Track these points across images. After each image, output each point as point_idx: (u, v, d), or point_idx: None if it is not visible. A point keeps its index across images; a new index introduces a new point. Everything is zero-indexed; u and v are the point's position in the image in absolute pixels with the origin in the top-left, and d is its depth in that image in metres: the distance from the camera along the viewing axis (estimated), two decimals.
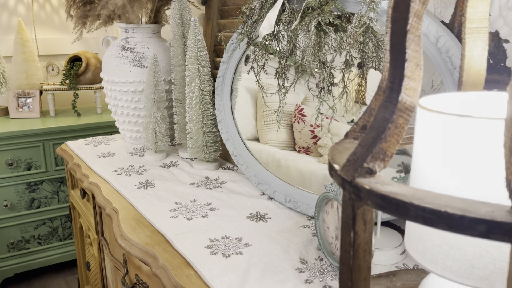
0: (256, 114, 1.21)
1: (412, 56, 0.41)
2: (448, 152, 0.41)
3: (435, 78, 0.76)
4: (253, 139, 1.20)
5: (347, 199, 0.45)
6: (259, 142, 1.16)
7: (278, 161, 1.11)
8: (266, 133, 1.16)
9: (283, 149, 1.12)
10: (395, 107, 0.43)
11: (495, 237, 0.34)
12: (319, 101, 0.90)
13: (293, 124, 1.12)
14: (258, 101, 1.20)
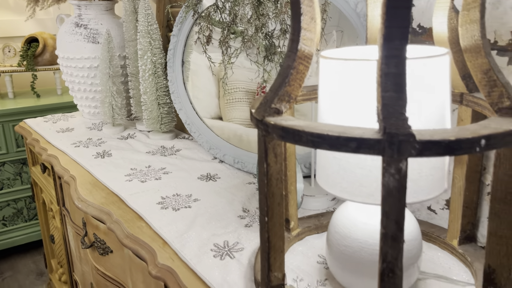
0: (218, 93, 1.27)
1: (306, 10, 0.49)
2: (337, 90, 0.50)
3: (359, 43, 0.85)
4: (216, 117, 1.26)
5: (260, 136, 0.53)
6: (223, 121, 1.22)
7: (240, 136, 1.18)
8: (230, 111, 1.23)
9: (247, 126, 1.19)
10: (295, 55, 0.50)
11: (363, 151, 0.42)
12: (262, 69, 0.98)
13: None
14: (220, 81, 1.26)
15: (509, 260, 0.51)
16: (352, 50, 0.58)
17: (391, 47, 0.42)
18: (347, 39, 0.89)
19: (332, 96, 0.51)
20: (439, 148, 0.41)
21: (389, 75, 0.42)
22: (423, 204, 0.76)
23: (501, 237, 0.51)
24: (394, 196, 0.42)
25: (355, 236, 0.56)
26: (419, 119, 0.48)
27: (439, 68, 0.48)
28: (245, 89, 1.20)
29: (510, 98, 0.46)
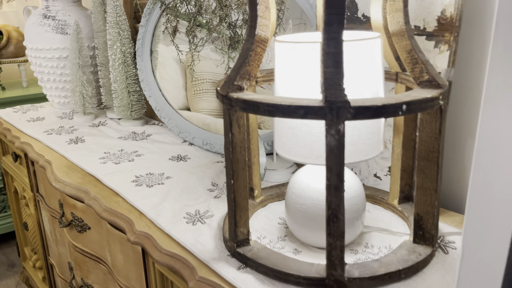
0: (186, 85, 1.33)
1: (261, 0, 0.57)
2: (289, 68, 0.59)
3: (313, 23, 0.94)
4: (184, 108, 1.32)
5: (225, 110, 0.61)
6: (190, 111, 1.29)
7: (208, 125, 1.25)
8: (197, 102, 1.29)
9: (214, 116, 1.26)
10: (253, 39, 0.59)
11: (310, 117, 0.51)
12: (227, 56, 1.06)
13: None
14: (187, 71, 1.33)
15: (433, 208, 0.62)
16: (302, 36, 0.67)
17: (330, 31, 0.51)
18: (309, 29, 0.98)
19: (286, 73, 0.60)
20: (369, 112, 0.50)
21: (329, 54, 0.51)
22: (370, 172, 0.86)
23: (426, 189, 0.62)
24: (335, 153, 0.52)
25: (308, 195, 0.65)
26: (356, 90, 0.57)
27: (372, 49, 0.58)
28: (212, 80, 1.27)
29: (429, 73, 0.57)
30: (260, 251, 0.64)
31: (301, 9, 0.96)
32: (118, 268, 0.91)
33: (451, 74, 0.70)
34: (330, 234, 0.55)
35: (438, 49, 0.70)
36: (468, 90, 0.77)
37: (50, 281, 1.42)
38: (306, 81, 0.58)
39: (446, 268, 0.63)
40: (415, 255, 0.62)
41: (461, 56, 0.75)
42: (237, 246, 0.65)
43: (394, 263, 0.61)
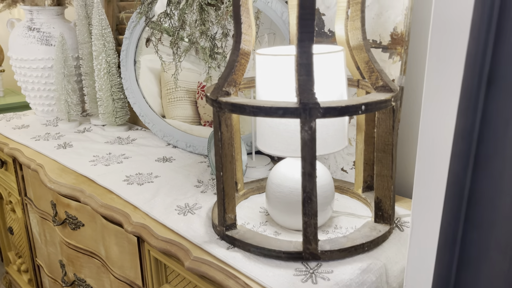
0: (160, 93, 1.42)
1: (245, 20, 0.68)
2: (268, 77, 0.70)
3: (285, 43, 1.06)
4: (159, 116, 1.41)
5: (215, 112, 0.72)
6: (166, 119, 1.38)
7: (184, 131, 1.35)
8: (172, 110, 1.38)
9: (189, 124, 1.35)
10: (238, 52, 0.70)
11: (287, 116, 0.63)
12: (207, 66, 1.16)
13: (197, 101, 1.36)
14: (162, 80, 1.42)
15: (390, 192, 0.74)
16: (279, 49, 0.79)
17: (303, 46, 0.63)
18: (278, 39, 1.10)
19: (266, 81, 0.72)
20: (335, 111, 0.62)
21: (302, 65, 0.63)
22: (338, 167, 0.99)
23: (383, 176, 0.74)
24: (308, 146, 0.63)
25: (286, 184, 0.76)
26: (324, 94, 0.69)
27: (337, 60, 0.70)
28: (186, 88, 1.37)
29: (383, 80, 0.69)
30: (246, 233, 0.75)
31: (271, 20, 1.08)
32: (112, 259, 0.99)
33: (403, 81, 0.83)
34: (305, 214, 0.66)
35: (392, 59, 0.83)
36: (417, 93, 0.90)
37: (37, 283, 1.47)
38: (282, 87, 0.70)
39: (402, 242, 0.76)
40: (376, 231, 0.74)
41: (410, 65, 0.89)
42: (226, 230, 0.76)
43: (359, 238, 0.72)
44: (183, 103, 1.37)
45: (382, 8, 0.83)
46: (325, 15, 0.95)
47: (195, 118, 1.35)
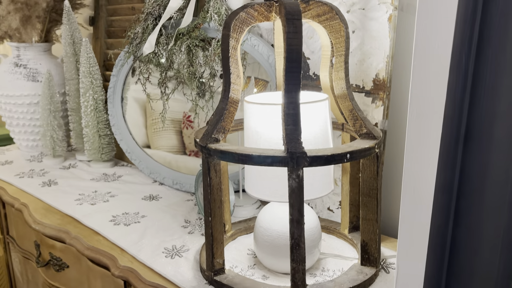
0: (146, 123, 1.43)
1: (233, 71, 0.71)
2: (256, 124, 0.72)
3: (271, 83, 1.09)
4: (144, 146, 1.42)
5: (204, 158, 0.73)
6: (151, 149, 1.38)
7: (169, 163, 1.35)
8: (157, 139, 1.39)
9: (174, 153, 1.36)
10: (227, 101, 0.72)
11: (275, 165, 0.64)
12: (194, 104, 1.18)
13: (182, 130, 1.37)
14: (147, 110, 1.43)
15: (375, 235, 0.76)
16: (267, 96, 0.81)
17: (290, 96, 0.65)
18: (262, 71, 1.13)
19: (254, 128, 0.73)
20: (321, 160, 0.64)
21: (289, 115, 0.65)
22: (324, 206, 1.00)
23: (369, 220, 0.76)
24: (296, 193, 0.65)
25: (274, 228, 0.77)
26: (311, 141, 0.71)
27: (322, 108, 0.72)
28: (171, 118, 1.38)
29: (367, 127, 0.72)
30: (235, 278, 0.75)
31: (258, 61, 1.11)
32: None
33: (385, 125, 0.86)
34: (294, 260, 0.67)
35: (375, 104, 0.87)
36: (400, 136, 0.93)
37: None
38: (270, 133, 0.72)
39: (388, 285, 0.77)
40: (362, 275, 0.75)
41: (393, 110, 0.92)
42: (214, 275, 0.76)
43: (346, 282, 0.73)
44: (168, 133, 1.38)
45: (365, 55, 0.87)
46: (310, 59, 0.98)
47: (180, 148, 1.36)
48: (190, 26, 1.12)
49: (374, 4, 0.84)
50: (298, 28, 0.64)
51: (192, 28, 1.12)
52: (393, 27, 0.82)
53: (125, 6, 1.45)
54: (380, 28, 0.84)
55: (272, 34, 1.09)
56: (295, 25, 0.64)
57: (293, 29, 0.64)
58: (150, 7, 1.18)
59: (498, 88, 0.47)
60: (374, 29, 0.85)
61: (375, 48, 0.85)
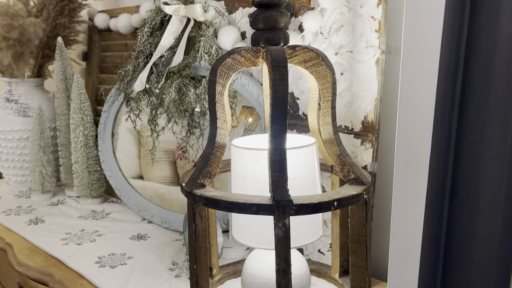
0: (139, 153, 1.42)
1: (220, 116, 0.70)
2: (243, 168, 0.71)
3: (261, 122, 1.09)
4: (137, 177, 1.40)
5: (189, 203, 0.71)
6: (144, 180, 1.37)
7: (161, 195, 1.33)
8: (150, 170, 1.38)
9: (167, 184, 1.34)
10: (214, 145, 0.71)
11: (261, 213, 0.63)
12: (184, 141, 1.18)
13: (176, 161, 1.36)
14: (141, 140, 1.42)
15: (365, 282, 0.74)
16: (255, 138, 0.81)
17: (276, 143, 0.64)
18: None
19: (240, 172, 0.73)
20: (308, 208, 0.63)
21: (275, 161, 0.64)
22: (315, 248, 0.98)
23: (358, 267, 0.74)
24: (283, 242, 0.63)
25: (261, 275, 0.75)
26: (298, 186, 0.70)
27: (310, 153, 0.71)
28: (165, 148, 1.37)
29: (355, 172, 0.71)
30: None
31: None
32: None
33: (375, 167, 0.85)
34: None
35: (364, 146, 0.86)
36: (389, 178, 0.92)
37: None
38: (257, 178, 0.71)
39: None
40: None
41: (382, 152, 0.92)
42: None
43: None
44: (161, 163, 1.36)
45: (353, 97, 0.87)
46: (299, 99, 0.98)
47: (174, 178, 1.34)
48: (181, 64, 1.12)
49: (361, 48, 0.85)
50: (284, 76, 0.64)
51: (183, 67, 1.13)
52: (380, 71, 0.82)
53: (118, 42, 1.46)
54: (368, 71, 0.84)
55: (260, 74, 1.10)
56: (281, 72, 0.64)
57: (279, 76, 0.64)
58: (141, 45, 1.19)
59: (482, 143, 0.47)
60: (362, 71, 0.85)
61: (363, 90, 0.85)
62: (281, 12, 0.70)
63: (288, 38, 0.72)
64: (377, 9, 0.81)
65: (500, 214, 0.48)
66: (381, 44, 0.81)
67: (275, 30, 0.70)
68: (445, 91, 0.48)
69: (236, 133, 1.09)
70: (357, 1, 0.84)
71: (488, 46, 0.45)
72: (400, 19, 0.86)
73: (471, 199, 0.49)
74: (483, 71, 0.46)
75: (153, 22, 1.19)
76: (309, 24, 0.89)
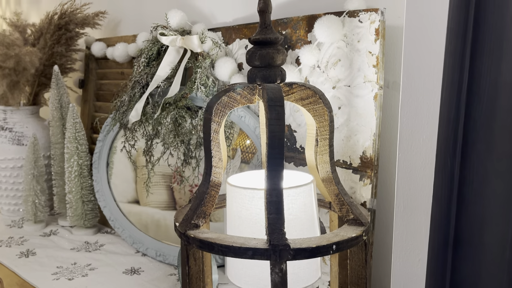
0: (136, 178, 1.40)
1: (215, 154, 0.68)
2: (238, 208, 0.69)
3: (259, 154, 1.07)
4: (133, 201, 1.38)
5: (183, 245, 0.69)
6: (140, 205, 1.34)
7: (157, 221, 1.31)
8: (147, 195, 1.35)
9: (163, 209, 1.31)
10: (209, 184, 0.69)
11: (257, 258, 0.61)
12: (178, 174, 1.16)
13: (173, 185, 1.34)
14: (138, 163, 1.39)
15: None
16: (251, 175, 0.79)
17: (272, 183, 0.62)
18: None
19: (236, 212, 0.70)
20: (306, 253, 0.61)
21: (271, 202, 0.62)
22: (313, 286, 0.95)
23: None
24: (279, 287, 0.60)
25: None
26: (295, 227, 0.68)
27: (307, 192, 0.70)
28: (162, 172, 1.35)
29: (354, 213, 0.69)
30: None
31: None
32: None
33: (374, 203, 0.83)
34: None
35: (362, 182, 0.84)
36: (389, 216, 0.90)
37: None
38: (253, 219, 0.68)
39: None
40: None
41: (381, 188, 0.90)
42: None
43: None
44: (158, 188, 1.34)
45: (351, 131, 0.86)
46: (297, 132, 0.97)
47: (170, 203, 1.32)
48: (177, 95, 1.11)
49: (359, 82, 0.84)
50: (281, 115, 0.63)
51: (179, 98, 1.12)
52: (379, 106, 0.81)
53: (115, 71, 1.46)
54: (366, 106, 0.83)
55: (257, 107, 1.09)
56: (277, 111, 0.63)
57: (275, 115, 0.63)
58: (137, 75, 1.18)
59: (486, 191, 0.45)
60: (360, 106, 0.84)
61: (361, 125, 0.84)
62: (278, 50, 0.69)
63: (285, 75, 0.71)
64: (374, 45, 0.80)
65: (506, 265, 0.46)
66: (379, 80, 0.81)
67: (271, 68, 0.69)
68: (446, 138, 0.46)
69: (233, 165, 1.08)
70: (354, 36, 0.83)
71: (490, 92, 0.44)
72: (398, 54, 0.86)
73: (475, 250, 0.47)
74: (486, 118, 0.45)
75: (150, 52, 1.18)
76: (306, 58, 0.88)
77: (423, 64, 0.48)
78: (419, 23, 0.52)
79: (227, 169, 1.08)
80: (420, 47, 0.50)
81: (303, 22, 0.91)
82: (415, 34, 0.53)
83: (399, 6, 0.84)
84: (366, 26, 0.81)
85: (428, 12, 0.51)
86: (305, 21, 0.91)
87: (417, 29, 0.52)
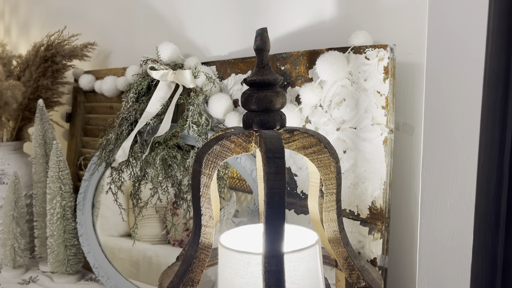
0: (128, 210, 1.30)
1: (205, 211, 0.60)
2: (232, 274, 0.59)
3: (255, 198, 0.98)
4: (125, 235, 1.28)
5: None
6: (131, 238, 1.24)
7: (149, 259, 1.21)
8: (140, 228, 1.25)
9: (155, 243, 1.22)
10: (197, 246, 0.60)
11: None
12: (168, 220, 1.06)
13: (166, 218, 1.24)
14: (129, 197, 1.30)
15: None
16: (247, 231, 0.69)
17: (271, 249, 0.53)
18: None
19: (230, 279, 0.61)
20: None
21: (270, 272, 0.53)
22: None
23: None
24: None
25: None
26: None
27: (312, 255, 0.60)
28: (155, 204, 1.26)
29: (365, 279, 0.60)
30: None
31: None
32: None
33: (385, 261, 0.74)
34: None
35: (372, 235, 0.75)
36: (401, 275, 0.80)
37: None
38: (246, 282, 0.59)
39: None
40: None
41: (394, 244, 0.81)
42: None
43: None
44: (151, 221, 1.24)
45: (358, 178, 0.77)
46: (297, 176, 0.88)
47: (163, 236, 1.22)
48: (168, 134, 1.03)
49: (367, 124, 0.76)
50: (281, 169, 0.54)
51: (170, 137, 1.03)
52: (389, 152, 0.73)
53: (103, 104, 1.38)
54: (374, 151, 0.74)
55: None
56: (277, 164, 0.54)
57: (274, 169, 0.54)
58: (126, 112, 1.10)
59: None
60: (368, 151, 0.76)
61: (369, 172, 0.75)
62: (277, 92, 0.61)
63: (285, 120, 0.63)
64: (383, 84, 0.73)
65: None
66: (389, 122, 0.72)
67: (269, 112, 0.61)
68: (486, 211, 0.38)
69: (227, 212, 0.99)
70: (361, 74, 0.76)
71: None
72: (408, 93, 0.78)
73: None
74: None
75: (139, 87, 1.11)
76: (308, 97, 0.80)
77: (451, 115, 0.40)
78: (442, 65, 0.44)
79: (221, 216, 0.99)
80: (446, 94, 0.41)
81: (304, 57, 0.84)
82: (437, 78, 0.45)
83: (409, 41, 0.77)
84: (373, 63, 0.74)
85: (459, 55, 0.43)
86: (306, 56, 0.84)
87: (440, 74, 0.44)
